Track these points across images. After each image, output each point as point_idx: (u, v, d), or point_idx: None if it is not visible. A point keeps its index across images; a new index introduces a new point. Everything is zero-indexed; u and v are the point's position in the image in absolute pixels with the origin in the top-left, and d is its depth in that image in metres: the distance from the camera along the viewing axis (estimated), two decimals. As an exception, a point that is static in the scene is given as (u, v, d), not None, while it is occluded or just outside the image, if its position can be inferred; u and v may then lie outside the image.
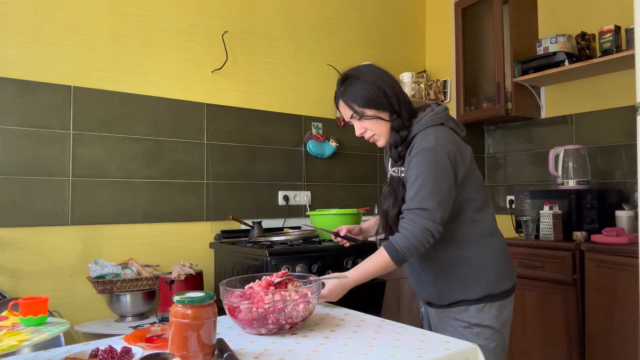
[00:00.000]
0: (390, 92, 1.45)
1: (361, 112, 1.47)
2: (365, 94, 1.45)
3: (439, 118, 1.46)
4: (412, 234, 1.35)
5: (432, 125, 1.44)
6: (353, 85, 1.47)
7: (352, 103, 1.47)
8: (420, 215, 1.35)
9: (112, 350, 0.97)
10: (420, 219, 1.34)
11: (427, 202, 1.35)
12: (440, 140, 1.39)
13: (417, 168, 1.38)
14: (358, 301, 2.30)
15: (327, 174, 3.18)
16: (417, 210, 1.36)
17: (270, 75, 2.97)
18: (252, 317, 1.12)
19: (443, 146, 1.38)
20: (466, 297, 1.45)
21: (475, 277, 1.44)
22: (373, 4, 3.49)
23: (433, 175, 1.36)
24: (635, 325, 2.10)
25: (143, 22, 2.53)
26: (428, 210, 1.34)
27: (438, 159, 1.37)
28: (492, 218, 1.51)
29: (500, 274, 1.47)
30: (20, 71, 2.20)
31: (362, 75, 1.47)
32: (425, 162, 1.37)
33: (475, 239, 1.45)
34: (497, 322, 1.45)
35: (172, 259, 2.53)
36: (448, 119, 1.49)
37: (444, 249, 1.45)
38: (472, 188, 1.45)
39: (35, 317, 1.08)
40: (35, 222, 2.21)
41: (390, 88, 1.45)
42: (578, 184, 2.71)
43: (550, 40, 2.86)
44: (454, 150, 1.40)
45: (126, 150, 2.46)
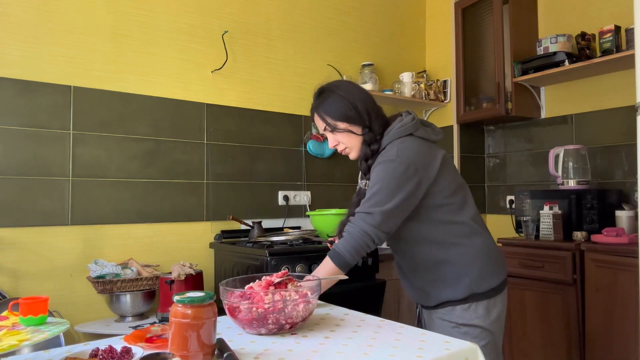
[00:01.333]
0: (362, 107, 1.49)
1: (333, 125, 1.51)
2: (338, 108, 1.50)
3: (406, 129, 1.47)
4: (351, 236, 1.39)
5: (400, 137, 1.46)
6: (327, 99, 1.52)
7: (325, 116, 1.52)
8: (363, 218, 1.39)
9: (112, 350, 0.97)
10: (362, 222, 1.38)
11: (374, 208, 1.38)
12: (402, 152, 1.42)
13: (374, 178, 1.43)
14: (358, 301, 2.30)
15: (327, 174, 3.18)
16: (362, 214, 1.40)
17: (270, 75, 2.97)
18: (252, 317, 1.12)
19: (403, 158, 1.40)
20: (451, 298, 1.46)
21: (458, 277, 1.45)
22: (373, 4, 3.49)
23: (387, 184, 1.39)
24: (635, 325, 2.10)
25: (143, 22, 2.53)
26: (372, 215, 1.38)
27: (395, 170, 1.40)
28: (473, 218, 1.50)
29: (484, 273, 1.47)
30: (20, 71, 2.21)
31: (336, 89, 1.52)
32: (382, 172, 1.41)
33: (455, 240, 1.46)
34: (486, 321, 1.45)
35: (172, 259, 2.53)
36: (417, 127, 1.49)
37: (425, 251, 1.47)
38: (445, 192, 1.46)
39: (35, 317, 1.09)
40: (35, 222, 2.21)
41: (361, 102, 1.50)
42: (578, 184, 2.71)
43: (550, 40, 2.86)
44: (417, 161, 1.42)
45: (126, 150, 2.46)
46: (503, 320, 1.52)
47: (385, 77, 3.48)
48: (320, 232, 2.53)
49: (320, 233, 2.53)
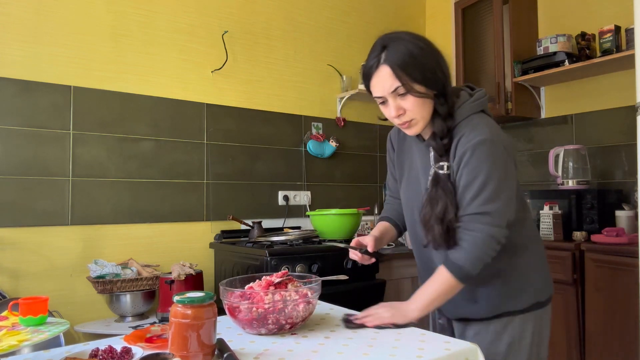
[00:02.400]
0: (445, 69, 1.19)
1: (411, 87, 1.15)
2: (421, 63, 1.15)
3: (479, 104, 1.23)
4: (474, 245, 1.16)
5: (475, 113, 1.23)
6: (404, 50, 1.14)
7: (402, 72, 1.14)
8: (482, 221, 1.15)
9: (112, 350, 0.97)
10: (483, 226, 1.15)
11: (489, 205, 1.15)
12: (493, 130, 1.18)
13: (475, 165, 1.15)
14: (358, 301, 2.30)
15: (327, 174, 3.18)
16: (477, 216, 1.16)
17: (270, 75, 2.97)
18: (252, 317, 1.12)
19: (497, 137, 1.17)
20: (512, 308, 1.27)
21: (524, 284, 1.28)
22: (373, 4, 3.49)
23: (495, 173, 1.15)
24: (635, 325, 2.10)
25: (143, 22, 2.53)
26: (490, 214, 1.15)
27: (497, 153, 1.16)
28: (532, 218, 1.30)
29: (546, 281, 1.33)
30: (20, 71, 2.20)
31: (413, 39, 1.17)
32: (483, 157, 1.15)
33: (523, 242, 1.29)
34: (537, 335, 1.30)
35: (172, 259, 2.53)
36: (486, 105, 1.26)
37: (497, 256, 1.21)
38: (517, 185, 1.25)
39: (35, 317, 1.09)
40: (35, 222, 2.21)
41: (445, 63, 1.19)
42: (578, 184, 2.71)
43: (550, 40, 2.86)
44: (507, 140, 1.20)
45: (126, 150, 2.46)
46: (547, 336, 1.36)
47: (385, 77, 3.48)
48: (320, 232, 2.53)
49: (320, 233, 2.53)
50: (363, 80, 1.24)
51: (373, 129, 3.44)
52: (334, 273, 2.25)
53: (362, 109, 3.38)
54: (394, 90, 1.16)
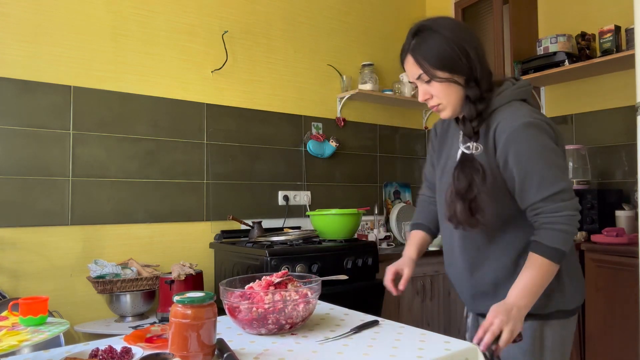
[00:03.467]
0: (473, 54, 1.21)
1: (432, 73, 1.21)
2: (442, 51, 1.20)
3: (522, 92, 1.26)
4: (561, 225, 1.15)
5: (516, 100, 1.25)
6: (428, 39, 1.21)
7: (423, 60, 1.21)
8: (562, 198, 1.15)
9: (112, 350, 0.97)
10: (565, 203, 1.15)
11: (559, 184, 1.16)
12: (534, 114, 1.20)
13: (528, 151, 1.17)
14: (358, 301, 2.30)
15: (327, 174, 3.18)
16: (553, 197, 1.15)
17: (270, 75, 2.97)
18: (252, 317, 1.12)
19: (541, 119, 1.19)
20: (564, 307, 1.26)
21: (574, 281, 1.28)
22: (373, 4, 3.49)
23: (551, 153, 1.17)
24: (635, 325, 2.10)
25: (143, 22, 2.53)
26: (565, 191, 1.16)
27: (544, 132, 1.18)
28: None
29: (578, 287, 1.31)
30: (20, 71, 2.20)
31: (440, 28, 1.22)
32: (533, 140, 1.17)
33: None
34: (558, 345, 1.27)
35: (172, 259, 2.53)
36: (529, 95, 1.28)
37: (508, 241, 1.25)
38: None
39: (35, 317, 1.09)
40: (35, 222, 2.21)
41: (473, 49, 1.21)
42: (578, 184, 2.71)
43: (550, 40, 2.86)
44: (552, 122, 1.22)
45: (126, 150, 2.46)
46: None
47: (385, 77, 3.48)
48: (320, 232, 2.53)
49: (320, 233, 2.53)
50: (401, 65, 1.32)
51: (373, 129, 3.44)
52: (334, 273, 2.25)
53: (362, 109, 3.38)
54: (418, 77, 1.24)
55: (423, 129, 3.73)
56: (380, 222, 3.32)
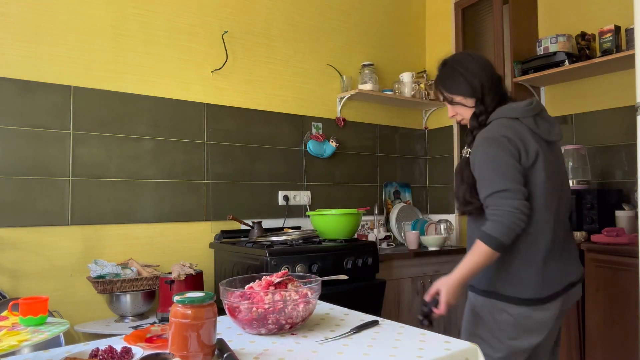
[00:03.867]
0: (477, 82, 1.55)
1: (450, 98, 1.61)
2: (454, 83, 1.59)
3: (514, 112, 1.49)
4: (501, 218, 1.38)
5: (506, 117, 1.49)
6: (446, 73, 1.62)
7: (443, 89, 1.63)
8: (502, 197, 1.39)
9: (112, 350, 0.97)
10: (504, 201, 1.38)
11: (504, 185, 1.39)
12: (501, 130, 1.46)
13: (480, 156, 1.46)
14: (358, 301, 2.30)
15: (327, 174, 3.18)
16: (497, 194, 1.40)
17: (270, 75, 2.97)
18: (252, 317, 1.12)
19: (502, 133, 1.45)
20: (474, 284, 1.56)
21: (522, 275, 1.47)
22: (373, 4, 3.49)
23: (494, 157, 1.43)
24: (635, 325, 2.10)
25: (143, 22, 2.53)
26: (508, 191, 1.39)
27: (497, 143, 1.43)
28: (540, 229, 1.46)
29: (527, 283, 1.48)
30: (20, 71, 2.21)
31: (456, 64, 1.59)
32: (487, 148, 1.45)
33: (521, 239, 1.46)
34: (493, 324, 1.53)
35: (172, 259, 2.53)
36: (527, 115, 1.48)
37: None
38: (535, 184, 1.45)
39: (35, 317, 1.09)
40: (35, 222, 2.21)
41: (477, 78, 1.55)
42: (578, 184, 2.71)
43: (550, 40, 2.86)
44: (515, 137, 1.44)
45: (126, 150, 2.46)
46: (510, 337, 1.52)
47: (385, 77, 3.48)
48: (320, 232, 2.53)
49: (320, 233, 2.53)
50: None
51: (373, 129, 3.44)
52: (334, 273, 2.25)
53: (362, 109, 3.38)
54: (442, 101, 1.66)
55: (423, 129, 3.73)
56: (380, 222, 3.32)
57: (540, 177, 1.45)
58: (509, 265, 1.48)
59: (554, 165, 1.51)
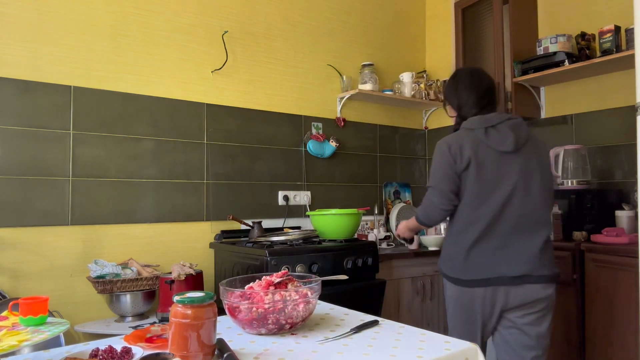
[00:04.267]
0: (462, 100, 1.87)
1: (444, 102, 2.00)
2: (446, 91, 1.96)
3: (471, 124, 1.78)
4: (422, 205, 1.83)
5: (464, 128, 1.79)
6: (448, 84, 1.96)
7: (444, 96, 2.01)
8: (431, 191, 1.77)
9: (112, 350, 0.97)
10: (431, 194, 1.77)
11: (434, 182, 1.76)
12: (450, 139, 1.77)
13: (433, 157, 1.83)
14: (358, 301, 2.30)
15: (327, 174, 3.18)
16: (430, 188, 1.79)
17: (270, 75, 2.97)
18: (252, 317, 1.12)
19: (446, 141, 1.77)
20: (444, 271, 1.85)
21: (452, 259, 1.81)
22: (373, 4, 3.49)
23: (436, 161, 1.78)
24: (635, 325, 2.10)
25: (143, 22, 2.53)
26: (435, 188, 1.76)
27: (440, 150, 1.77)
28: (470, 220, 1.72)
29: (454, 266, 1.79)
30: (20, 71, 2.21)
31: (454, 77, 1.95)
32: (435, 152, 1.81)
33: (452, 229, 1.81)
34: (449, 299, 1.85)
35: (172, 259, 2.53)
36: (479, 127, 1.75)
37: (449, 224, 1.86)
38: (463, 186, 1.73)
39: (35, 317, 1.09)
40: (35, 222, 2.21)
41: (464, 95, 1.87)
42: (578, 184, 2.71)
43: (550, 40, 2.86)
44: (455, 145, 1.73)
45: (126, 150, 2.46)
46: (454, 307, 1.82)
47: (385, 77, 3.48)
48: (320, 232, 2.53)
49: (320, 233, 2.53)
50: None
51: (373, 129, 3.44)
52: (334, 273, 2.25)
53: (362, 109, 3.39)
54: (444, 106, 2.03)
55: (423, 129, 3.73)
56: (380, 222, 3.32)
57: (470, 179, 1.70)
58: (448, 249, 1.82)
59: (500, 171, 1.70)
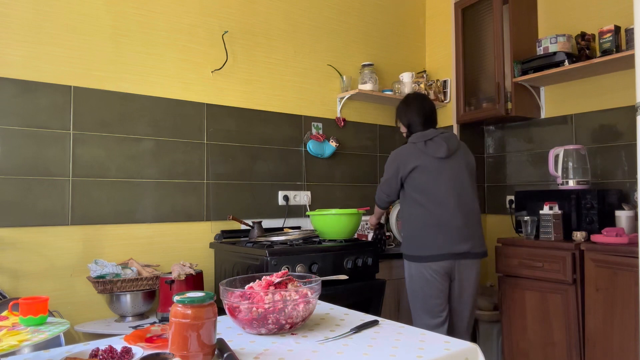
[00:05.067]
0: (407, 118, 2.46)
1: (396, 121, 2.60)
2: (397, 112, 2.53)
3: (413, 138, 2.37)
4: (377, 194, 2.49)
5: (409, 142, 2.38)
6: (400, 107, 2.51)
7: (397, 117, 2.56)
8: (381, 186, 2.44)
9: (112, 350, 0.97)
10: (380, 188, 2.45)
11: (384, 180, 2.41)
12: (397, 151, 2.39)
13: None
14: (358, 301, 2.30)
15: (327, 174, 3.18)
16: (380, 184, 2.45)
17: (270, 75, 2.97)
18: (252, 317, 1.12)
19: (395, 154, 2.39)
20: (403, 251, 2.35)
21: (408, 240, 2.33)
22: (373, 4, 3.50)
23: (386, 167, 2.41)
24: (635, 325, 2.10)
25: (143, 22, 2.53)
26: (380, 184, 2.44)
27: (390, 159, 2.40)
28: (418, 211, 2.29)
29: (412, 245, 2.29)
30: (20, 71, 2.21)
31: (404, 100, 2.51)
32: (388, 159, 2.41)
33: (405, 216, 2.36)
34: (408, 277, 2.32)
35: (172, 259, 2.54)
36: (419, 141, 2.33)
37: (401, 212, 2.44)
38: (408, 185, 2.32)
39: (35, 317, 1.09)
40: (36, 222, 2.21)
41: (407, 115, 2.45)
42: (578, 184, 2.71)
43: (550, 40, 2.86)
44: (400, 158, 2.34)
45: (126, 150, 2.46)
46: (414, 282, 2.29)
47: (385, 77, 3.49)
48: (320, 232, 2.53)
49: (320, 233, 2.53)
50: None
51: (373, 129, 3.44)
52: (334, 273, 2.25)
53: (362, 109, 3.39)
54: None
55: (423, 129, 3.73)
56: (380, 222, 3.31)
57: (415, 181, 2.28)
58: (405, 233, 2.32)
59: (443, 174, 2.27)
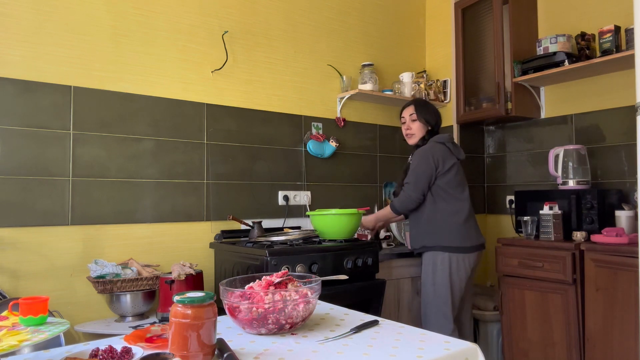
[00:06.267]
0: (435, 119, 2.63)
1: (419, 118, 2.60)
2: (427, 111, 2.61)
3: (441, 139, 2.51)
4: (399, 198, 2.50)
5: (435, 142, 2.49)
6: (424, 104, 2.66)
7: (419, 111, 2.61)
8: (405, 188, 2.48)
9: (112, 350, 0.97)
10: (404, 190, 2.48)
11: (409, 178, 2.47)
12: (432, 148, 2.45)
13: (414, 161, 2.49)
14: (358, 301, 2.30)
15: (327, 174, 3.18)
16: (405, 185, 2.48)
17: (270, 75, 2.97)
18: (252, 317, 1.13)
19: (425, 151, 2.46)
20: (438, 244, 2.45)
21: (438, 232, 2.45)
22: (373, 4, 3.49)
23: (418, 166, 2.44)
24: (635, 325, 2.10)
25: (143, 22, 2.53)
26: (408, 184, 2.46)
27: (425, 157, 2.44)
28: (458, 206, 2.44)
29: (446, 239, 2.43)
30: (20, 71, 2.21)
31: (426, 103, 2.68)
32: (418, 157, 2.47)
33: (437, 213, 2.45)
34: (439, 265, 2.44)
35: (172, 259, 2.53)
36: (448, 140, 2.52)
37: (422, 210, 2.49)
38: (444, 182, 2.43)
39: (35, 317, 1.09)
40: (35, 222, 2.21)
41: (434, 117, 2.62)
42: (578, 184, 2.71)
43: (550, 40, 2.86)
44: (438, 155, 2.43)
45: (126, 150, 2.46)
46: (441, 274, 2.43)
47: (385, 77, 3.48)
48: (320, 232, 2.53)
49: (320, 233, 2.53)
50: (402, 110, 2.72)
51: (373, 129, 3.44)
52: (334, 273, 2.25)
53: (362, 109, 3.39)
54: (409, 115, 2.63)
55: (423, 129, 3.73)
56: (380, 222, 3.31)
57: (453, 177, 2.42)
58: (446, 227, 2.40)
59: (462, 173, 2.50)
